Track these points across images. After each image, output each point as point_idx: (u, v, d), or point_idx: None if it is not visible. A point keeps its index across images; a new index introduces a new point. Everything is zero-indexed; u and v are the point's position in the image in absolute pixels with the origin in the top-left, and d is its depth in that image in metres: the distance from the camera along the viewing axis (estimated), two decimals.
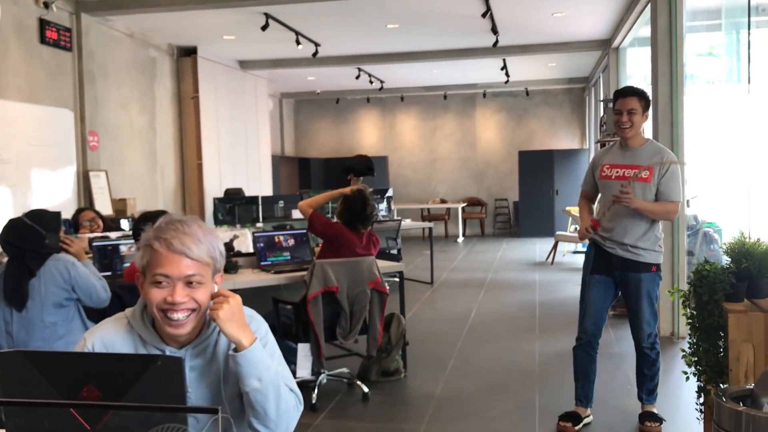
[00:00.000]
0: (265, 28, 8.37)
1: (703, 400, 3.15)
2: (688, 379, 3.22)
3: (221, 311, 1.65)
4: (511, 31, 9.41)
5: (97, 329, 1.75)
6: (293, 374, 1.98)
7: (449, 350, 5.71)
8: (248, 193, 9.99)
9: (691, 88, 6.19)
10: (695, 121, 6.01)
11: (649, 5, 6.59)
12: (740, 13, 4.82)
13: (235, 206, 8.44)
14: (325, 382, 4.64)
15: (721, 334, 2.97)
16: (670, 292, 3.75)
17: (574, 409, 3.98)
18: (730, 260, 3.07)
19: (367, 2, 7.82)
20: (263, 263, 4.98)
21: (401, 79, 14.07)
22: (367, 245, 4.65)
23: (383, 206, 9.45)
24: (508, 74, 12.74)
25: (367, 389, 4.57)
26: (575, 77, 14.31)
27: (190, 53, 10.18)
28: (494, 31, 8.89)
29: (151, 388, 1.38)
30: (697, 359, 3.14)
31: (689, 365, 3.19)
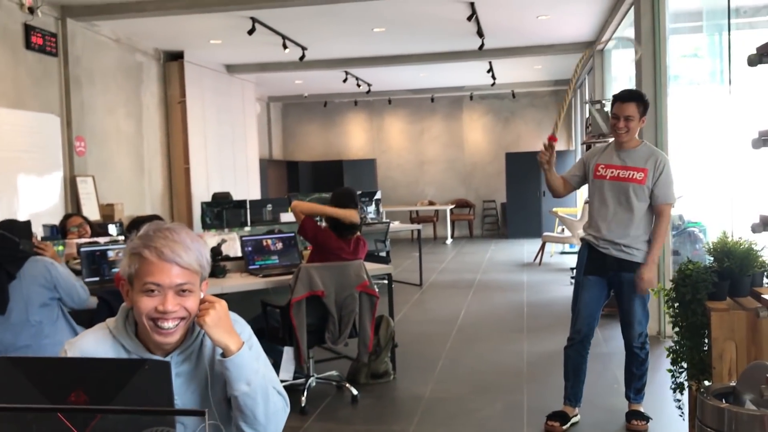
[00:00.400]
0: (251, 32, 8.38)
1: (687, 397, 3.19)
2: (673, 377, 3.26)
3: (208, 317, 1.65)
4: (496, 33, 9.46)
5: (76, 341, 1.72)
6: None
7: (438, 352, 5.74)
8: (236, 197, 9.97)
9: (675, 88, 6.25)
10: (680, 121, 6.07)
11: (632, 8, 6.65)
12: (720, 15, 4.87)
13: (223, 210, 8.44)
14: (314, 385, 4.65)
15: (704, 332, 3.01)
16: (654, 291, 3.79)
17: (562, 408, 4.01)
18: (712, 259, 3.11)
19: (353, 6, 7.84)
20: (251, 267, 4.99)
21: (388, 82, 14.10)
22: (354, 250, 4.67)
23: (372, 209, 9.47)
24: (494, 77, 12.79)
25: (356, 392, 4.59)
26: (561, 79, 14.38)
27: (176, 58, 10.16)
28: (480, 34, 8.93)
29: (138, 392, 1.39)
30: (681, 357, 3.18)
31: (674, 364, 3.23)
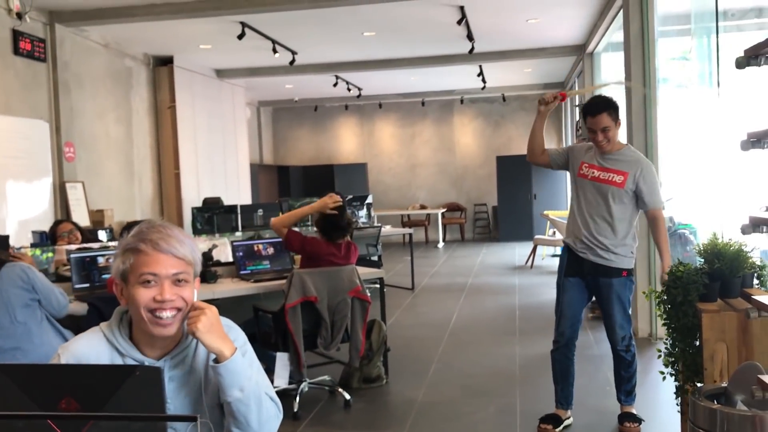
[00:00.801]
0: (241, 36, 8.37)
1: (680, 399, 3.20)
2: (665, 378, 3.27)
3: (199, 323, 1.65)
4: (486, 37, 9.49)
5: (69, 345, 1.73)
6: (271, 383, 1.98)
7: (430, 355, 5.73)
8: (227, 202, 9.95)
9: (665, 91, 6.27)
10: (669, 123, 6.09)
11: (621, 11, 6.68)
12: (709, 18, 4.90)
13: (213, 215, 8.41)
14: (306, 390, 4.63)
15: (695, 333, 3.02)
16: (645, 293, 3.80)
17: (554, 411, 4.02)
18: (703, 261, 3.12)
19: (343, 11, 7.84)
20: (243, 272, 4.97)
21: (379, 86, 14.11)
22: (346, 255, 4.62)
23: (363, 213, 9.47)
24: (484, 80, 12.82)
25: (348, 396, 4.57)
26: (551, 82, 14.43)
27: (166, 63, 10.13)
28: (470, 37, 8.95)
29: (130, 398, 1.38)
30: (673, 359, 3.19)
31: (666, 365, 3.24)
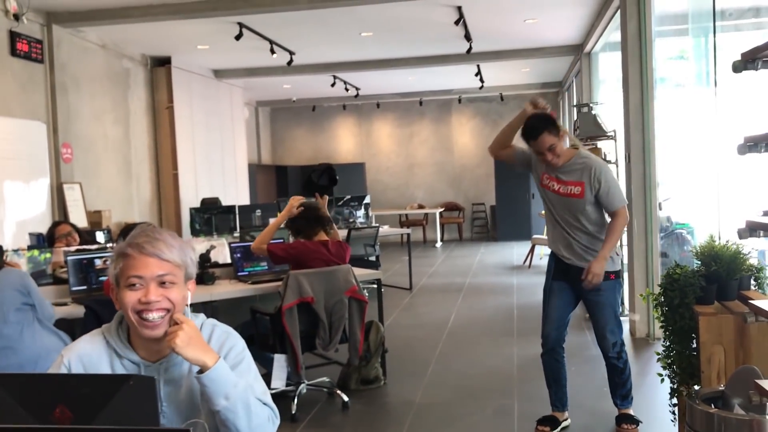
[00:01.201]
0: (239, 37, 8.36)
1: (676, 401, 3.19)
2: (663, 380, 3.27)
3: (177, 339, 1.66)
4: (484, 37, 9.49)
5: (74, 346, 1.78)
6: (268, 385, 1.98)
7: (429, 356, 5.73)
8: (225, 202, 9.96)
9: (662, 91, 6.27)
10: (667, 123, 6.09)
11: (618, 11, 6.68)
12: (706, 17, 4.90)
13: (212, 216, 8.42)
14: (304, 391, 4.63)
15: (692, 336, 3.01)
16: (642, 296, 3.79)
17: (551, 413, 4.01)
18: (700, 263, 3.12)
19: (340, 11, 7.84)
20: (240, 273, 4.97)
21: (377, 86, 14.10)
22: (337, 252, 4.59)
23: (361, 213, 9.47)
24: (482, 80, 12.82)
25: (346, 398, 4.57)
26: (549, 82, 14.44)
27: (164, 63, 10.12)
28: (467, 37, 8.94)
29: (123, 408, 1.38)
30: (670, 361, 3.19)
31: (664, 368, 3.24)
